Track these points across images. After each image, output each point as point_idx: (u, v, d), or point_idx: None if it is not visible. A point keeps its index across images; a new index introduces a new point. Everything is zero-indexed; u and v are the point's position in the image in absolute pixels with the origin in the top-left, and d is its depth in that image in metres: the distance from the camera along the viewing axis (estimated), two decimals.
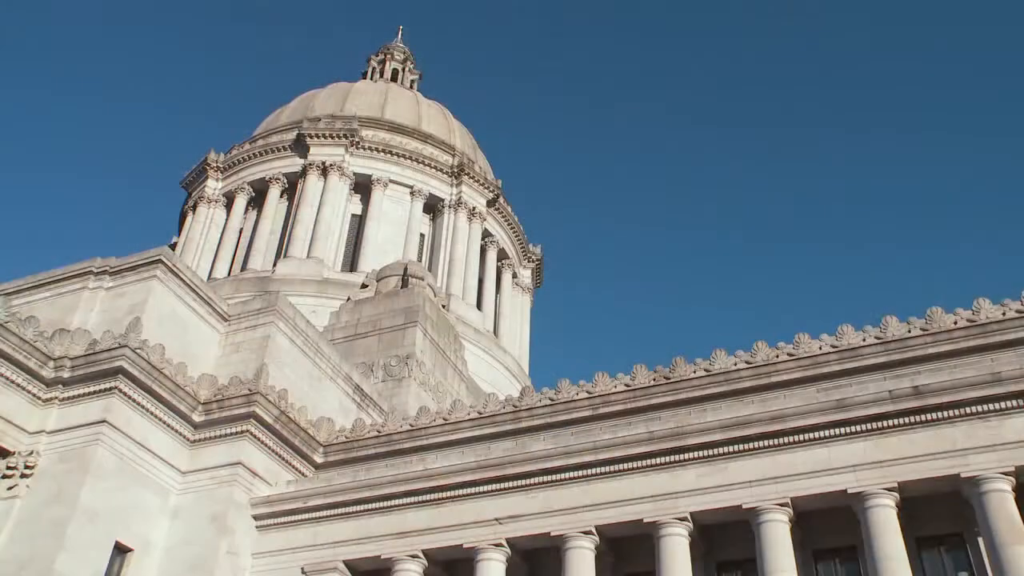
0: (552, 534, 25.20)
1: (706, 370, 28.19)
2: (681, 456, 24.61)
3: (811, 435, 23.65)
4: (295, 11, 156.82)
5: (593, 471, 25.46)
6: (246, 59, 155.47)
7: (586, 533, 24.89)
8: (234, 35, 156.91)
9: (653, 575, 24.08)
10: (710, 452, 24.39)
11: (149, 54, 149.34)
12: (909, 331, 26.44)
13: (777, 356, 27.53)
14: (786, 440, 23.81)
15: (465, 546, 25.84)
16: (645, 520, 24.41)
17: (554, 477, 25.80)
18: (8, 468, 25.61)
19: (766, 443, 23.96)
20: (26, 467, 25.72)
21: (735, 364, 27.87)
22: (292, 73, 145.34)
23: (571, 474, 25.66)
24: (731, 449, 24.21)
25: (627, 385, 29.01)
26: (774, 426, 23.94)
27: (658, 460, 24.82)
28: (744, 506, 23.57)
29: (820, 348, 27.22)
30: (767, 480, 23.55)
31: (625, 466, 25.17)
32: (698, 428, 24.77)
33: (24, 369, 26.42)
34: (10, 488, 25.42)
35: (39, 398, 26.87)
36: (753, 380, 27.32)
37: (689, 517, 24.09)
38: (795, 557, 22.90)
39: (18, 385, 26.39)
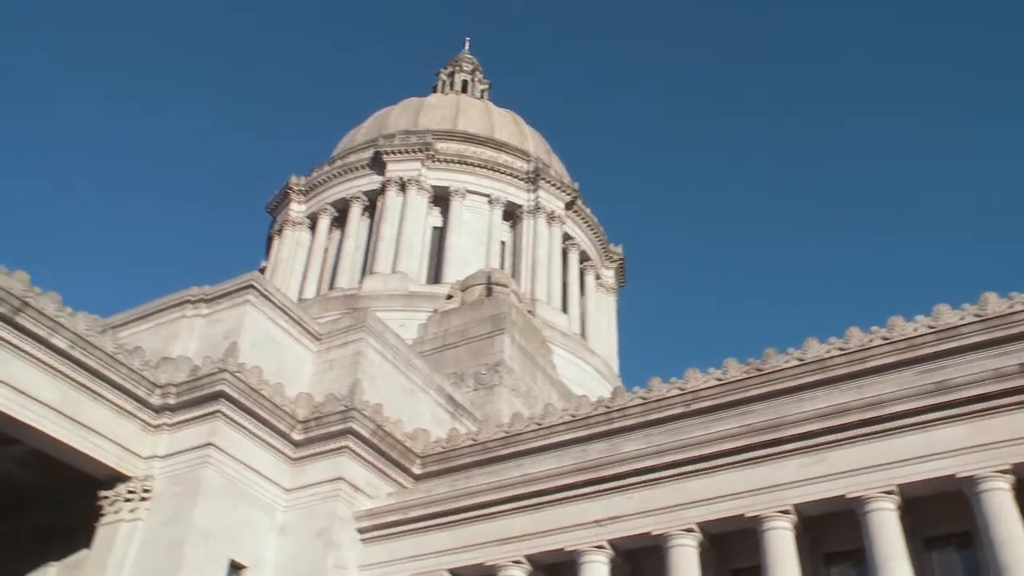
0: (653, 533, 25.03)
1: (799, 359, 27.68)
2: (779, 448, 24.16)
3: (912, 420, 22.94)
4: (361, 32, 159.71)
5: (690, 468, 25.20)
6: (321, 83, 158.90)
7: (688, 531, 24.65)
8: (305, 59, 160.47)
9: (759, 571, 23.76)
10: (809, 443, 23.87)
11: (224, 86, 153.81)
12: (1011, 307, 25.50)
13: (871, 341, 26.85)
14: (887, 426, 23.14)
15: (567, 549, 25.87)
16: (747, 515, 24.06)
17: (651, 476, 25.63)
18: (129, 492, 26.79)
19: (866, 430, 23.34)
20: (144, 491, 26.84)
21: (828, 352, 27.27)
22: (365, 93, 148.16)
23: (668, 472, 25.46)
24: (830, 438, 23.63)
25: (719, 379, 28.68)
26: (873, 412, 23.32)
27: (755, 453, 24.39)
28: (848, 495, 23.01)
29: (915, 330, 26.43)
30: (870, 468, 22.93)
31: (722, 461, 24.83)
32: (795, 419, 24.29)
33: (135, 398, 27.55)
34: (132, 511, 26.60)
35: (150, 424, 27.96)
36: (848, 367, 26.68)
37: (792, 509, 23.62)
38: (906, 545, 22.28)
39: (130, 413, 27.53)
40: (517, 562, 26.45)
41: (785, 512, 23.65)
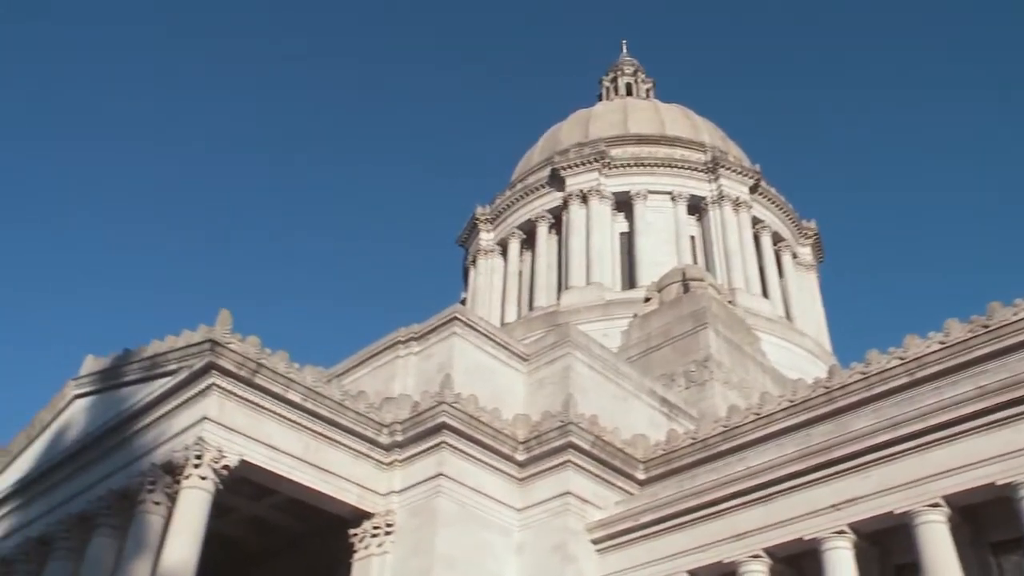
0: (896, 512, 23.80)
1: None
2: (1021, 408, 22.57)
3: None
4: (521, 57, 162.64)
5: (928, 439, 23.68)
6: (490, 111, 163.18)
7: (934, 506, 23.23)
8: (472, 90, 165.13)
9: (1020, 543, 22.19)
10: None
11: (400, 130, 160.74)
12: None
13: None
14: None
15: (806, 538, 25.07)
16: (997, 483, 22.30)
17: (884, 452, 24.40)
18: (374, 528, 28.52)
19: None
20: (387, 525, 28.48)
21: None
22: (534, 115, 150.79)
23: (902, 446, 24.14)
24: None
25: (942, 343, 27.08)
26: None
27: (995, 416, 22.67)
28: None
29: None
30: None
31: (960, 428, 23.20)
32: None
33: (365, 439, 29.28)
34: (379, 545, 28.28)
35: (382, 463, 29.60)
36: None
37: None
38: None
39: (364, 454, 29.29)
40: (756, 556, 25.93)
41: None
